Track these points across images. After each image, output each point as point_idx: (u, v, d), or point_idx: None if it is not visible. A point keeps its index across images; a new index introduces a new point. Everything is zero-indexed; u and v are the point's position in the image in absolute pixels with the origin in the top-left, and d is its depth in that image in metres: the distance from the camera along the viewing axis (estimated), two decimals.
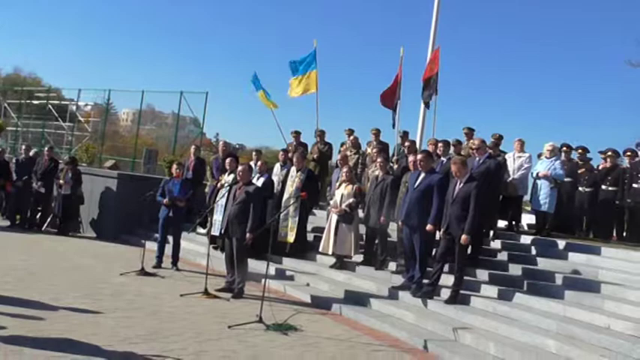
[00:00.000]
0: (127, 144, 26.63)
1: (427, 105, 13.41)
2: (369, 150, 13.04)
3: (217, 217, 10.34)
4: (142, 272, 10.00)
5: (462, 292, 8.32)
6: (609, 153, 11.92)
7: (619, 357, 6.18)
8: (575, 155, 12.20)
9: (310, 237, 11.66)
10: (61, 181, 14.30)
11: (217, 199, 10.21)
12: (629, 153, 11.96)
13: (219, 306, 8.28)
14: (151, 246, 11.03)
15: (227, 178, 11.01)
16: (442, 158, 10.48)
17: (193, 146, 15.29)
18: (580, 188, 11.80)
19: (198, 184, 13.67)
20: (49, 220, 14.96)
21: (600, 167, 12.05)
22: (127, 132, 34.40)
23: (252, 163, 12.04)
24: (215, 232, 10.13)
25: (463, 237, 8.07)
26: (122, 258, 11.42)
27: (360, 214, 10.62)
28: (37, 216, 15.00)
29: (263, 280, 7.91)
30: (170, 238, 10.99)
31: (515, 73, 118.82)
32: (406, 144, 11.32)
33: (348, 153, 13.15)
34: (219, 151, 13.82)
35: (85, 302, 7.57)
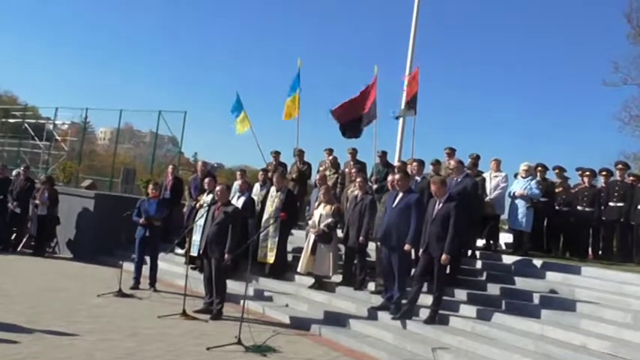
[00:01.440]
0: (105, 163, 26.45)
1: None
2: (347, 170, 13.09)
3: (196, 238, 10.34)
4: (120, 293, 9.88)
5: (440, 311, 8.35)
6: (587, 173, 12.08)
7: None
8: (552, 174, 12.36)
9: (289, 257, 11.63)
10: (37, 201, 14.13)
11: (196, 219, 10.17)
12: (604, 172, 12.15)
13: (197, 327, 8.20)
14: (129, 266, 10.94)
15: (205, 198, 10.98)
16: (417, 177, 10.54)
17: (171, 166, 15.21)
18: (557, 207, 11.94)
19: (176, 203, 13.60)
20: (24, 240, 14.75)
21: (578, 187, 12.18)
22: (105, 151, 34.28)
23: (236, 183, 12.03)
24: (194, 252, 10.09)
25: (443, 257, 8.11)
26: (99, 279, 11.29)
27: (339, 233, 10.62)
28: (12, 237, 14.77)
29: (242, 301, 7.86)
30: (147, 259, 10.90)
31: (494, 95, 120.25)
32: (414, 164, 11.20)
33: (327, 173, 13.17)
34: (197, 171, 13.77)
35: (61, 324, 7.47)
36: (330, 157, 13.84)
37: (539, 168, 12.10)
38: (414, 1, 14.22)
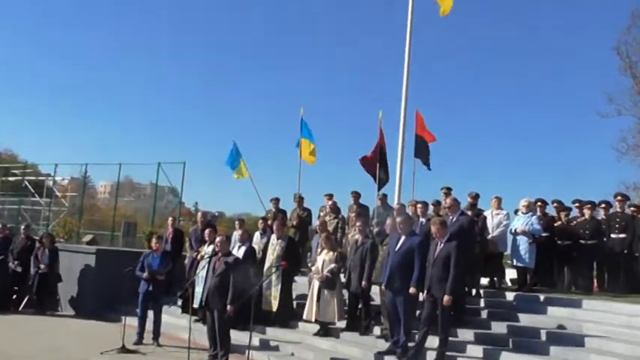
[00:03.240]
0: (106, 217, 26.38)
1: (428, 167, 13.76)
2: (350, 214, 13.10)
3: (198, 289, 10.26)
4: (123, 349, 9.78)
5: (447, 353, 8.26)
6: (588, 205, 12.09)
7: None
8: (551, 209, 12.37)
9: (293, 304, 11.54)
10: (41, 265, 14.06)
11: (197, 271, 10.14)
12: (603, 205, 12.16)
13: None
14: (131, 321, 10.83)
15: (206, 249, 10.96)
16: (422, 219, 10.56)
17: (170, 218, 15.22)
18: (559, 242, 11.91)
19: (178, 255, 13.56)
20: (25, 300, 14.65)
21: (578, 220, 12.17)
22: (105, 205, 34.29)
23: (236, 233, 12.02)
24: (195, 304, 10.02)
25: (445, 297, 8.06)
26: (102, 335, 11.16)
27: (342, 279, 10.57)
28: (14, 296, 14.68)
29: (247, 352, 7.78)
30: (151, 313, 10.81)
31: (487, 135, 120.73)
32: (419, 206, 11.25)
33: (327, 218, 13.17)
34: (197, 222, 13.78)
35: None
36: (330, 202, 13.85)
37: (539, 203, 12.14)
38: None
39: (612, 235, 11.45)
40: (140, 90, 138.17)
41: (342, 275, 10.56)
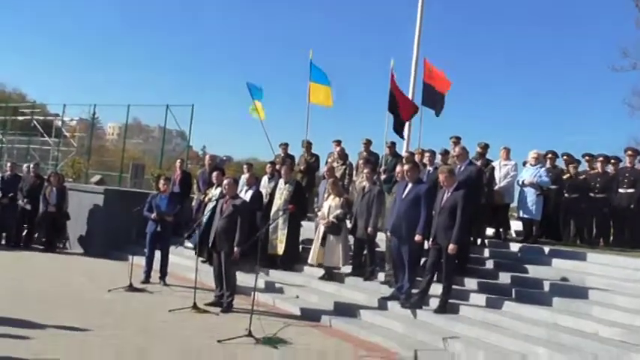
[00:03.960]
0: (114, 158, 26.46)
1: (437, 114, 13.60)
2: (358, 160, 13.08)
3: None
4: (131, 288, 9.93)
5: (450, 301, 8.34)
6: (600, 159, 11.99)
7: None
8: (561, 162, 12.31)
9: (299, 248, 11.65)
10: (50, 203, 14.17)
11: (204, 213, 10.20)
12: (612, 160, 12.08)
13: (208, 320, 8.25)
14: (139, 261, 10.96)
15: (214, 192, 11.00)
16: (429, 167, 10.54)
17: (179, 160, 15.24)
18: (566, 195, 11.88)
19: (186, 197, 13.63)
20: (35, 237, 14.84)
21: (588, 173, 12.11)
22: (114, 146, 34.30)
23: (244, 176, 12.05)
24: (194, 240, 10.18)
25: (450, 246, 8.10)
26: (110, 274, 11.33)
27: (349, 224, 10.63)
28: (24, 233, 14.87)
29: (252, 293, 7.88)
30: (158, 254, 10.94)
31: (500, 83, 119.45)
32: (427, 154, 11.22)
33: (335, 164, 13.17)
34: (205, 165, 13.80)
35: (73, 320, 7.49)
36: (338, 149, 13.82)
37: (549, 155, 12.06)
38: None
39: (620, 190, 11.39)
40: (150, 31, 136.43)
41: (347, 221, 10.61)
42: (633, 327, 6.98)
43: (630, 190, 11.22)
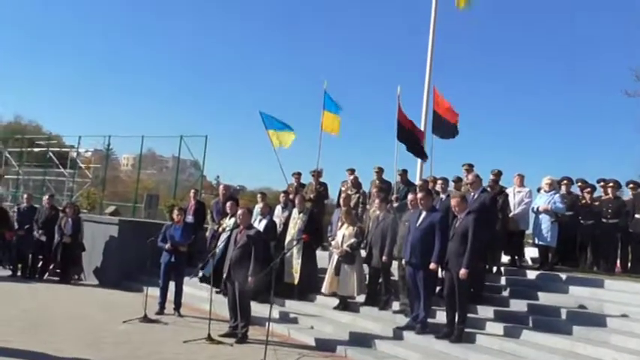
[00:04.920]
0: (128, 189, 26.71)
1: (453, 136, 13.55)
2: (372, 189, 13.08)
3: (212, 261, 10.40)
4: (145, 319, 9.92)
5: (467, 330, 8.26)
6: (610, 184, 11.95)
7: None
8: (575, 188, 12.25)
9: (316, 278, 11.58)
10: (65, 234, 14.25)
11: (219, 243, 10.22)
12: (631, 185, 12.01)
13: (223, 351, 8.21)
14: (153, 292, 10.98)
15: (228, 222, 11.03)
16: (442, 195, 10.51)
17: (193, 190, 15.33)
18: (582, 221, 11.80)
19: (200, 227, 13.67)
20: (50, 268, 14.90)
21: (602, 199, 12.04)
22: (128, 177, 34.59)
23: (257, 206, 12.07)
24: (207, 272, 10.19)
25: (461, 271, 8.03)
26: (124, 305, 11.34)
27: (363, 253, 10.59)
28: (39, 265, 14.94)
29: (267, 324, 7.85)
30: (172, 284, 10.94)
31: (512, 112, 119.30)
32: (439, 182, 11.24)
33: (349, 192, 13.17)
34: (219, 195, 13.85)
35: (88, 352, 7.50)
36: (352, 177, 13.85)
37: (565, 181, 12.02)
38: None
39: (637, 216, 11.31)
40: (162, 61, 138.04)
41: (362, 250, 10.58)
42: None
43: None
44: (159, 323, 10.00)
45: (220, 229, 11.41)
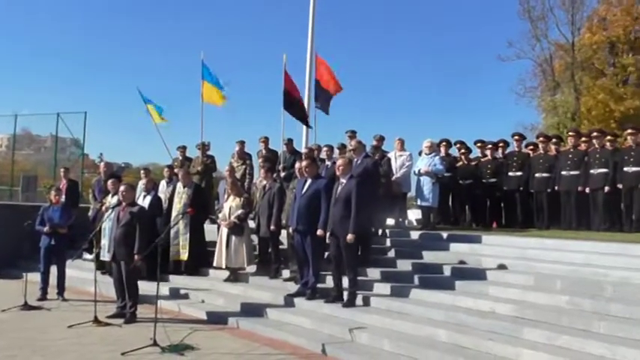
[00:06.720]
0: (3, 171, 25.15)
1: (326, 112, 13.50)
2: (259, 159, 13.06)
3: (104, 242, 10.05)
4: (26, 306, 9.47)
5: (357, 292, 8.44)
6: (489, 146, 12.54)
7: (504, 338, 6.50)
8: (454, 150, 12.77)
9: (206, 253, 11.46)
10: None
11: (102, 222, 9.88)
12: (501, 144, 12.66)
13: (111, 333, 7.97)
14: (33, 277, 10.45)
15: (111, 200, 10.66)
16: (327, 162, 10.64)
17: (63, 168, 14.61)
18: (460, 181, 12.33)
19: (74, 207, 13.08)
20: None
21: (480, 160, 12.62)
22: (3, 159, 32.58)
23: (141, 182, 11.74)
24: (104, 257, 9.84)
25: (348, 236, 8.14)
26: (2, 294, 10.74)
27: (251, 224, 10.58)
28: None
29: (155, 301, 7.69)
30: (54, 268, 10.48)
31: (391, 77, 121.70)
32: (325, 149, 11.34)
33: (235, 164, 13.07)
34: (100, 173, 13.35)
35: None
36: (237, 148, 13.73)
37: (443, 144, 12.48)
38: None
39: (509, 174, 11.95)
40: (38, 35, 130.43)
41: (250, 221, 10.57)
42: (525, 303, 7.34)
43: (518, 173, 11.78)
44: (41, 309, 9.57)
45: (104, 209, 11.02)
